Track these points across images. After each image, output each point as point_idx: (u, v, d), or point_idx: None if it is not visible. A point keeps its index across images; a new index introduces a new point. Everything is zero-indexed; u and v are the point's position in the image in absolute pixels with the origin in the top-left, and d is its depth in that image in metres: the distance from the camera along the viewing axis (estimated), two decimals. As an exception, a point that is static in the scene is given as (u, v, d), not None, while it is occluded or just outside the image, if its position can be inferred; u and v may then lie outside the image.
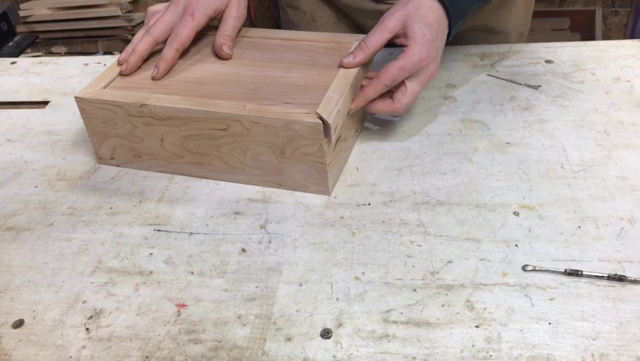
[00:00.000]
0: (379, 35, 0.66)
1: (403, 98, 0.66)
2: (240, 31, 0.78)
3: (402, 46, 0.66)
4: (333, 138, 0.61)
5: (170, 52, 0.70)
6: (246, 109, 0.62)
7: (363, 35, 0.72)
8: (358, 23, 0.94)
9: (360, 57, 0.67)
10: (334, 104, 0.62)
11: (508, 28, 0.95)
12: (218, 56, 0.73)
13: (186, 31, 0.71)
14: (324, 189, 0.65)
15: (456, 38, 0.72)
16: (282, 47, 0.75)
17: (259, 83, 0.67)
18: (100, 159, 0.72)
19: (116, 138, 0.69)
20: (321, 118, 0.59)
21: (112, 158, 0.71)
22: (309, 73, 0.69)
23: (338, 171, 0.67)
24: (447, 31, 0.68)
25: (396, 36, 0.66)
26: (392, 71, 0.64)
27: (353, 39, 0.74)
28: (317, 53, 0.73)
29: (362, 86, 0.68)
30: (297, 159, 0.63)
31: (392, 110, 0.67)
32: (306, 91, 0.65)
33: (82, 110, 0.68)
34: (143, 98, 0.65)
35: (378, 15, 0.68)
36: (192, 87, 0.68)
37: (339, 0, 0.91)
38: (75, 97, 0.67)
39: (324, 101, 0.62)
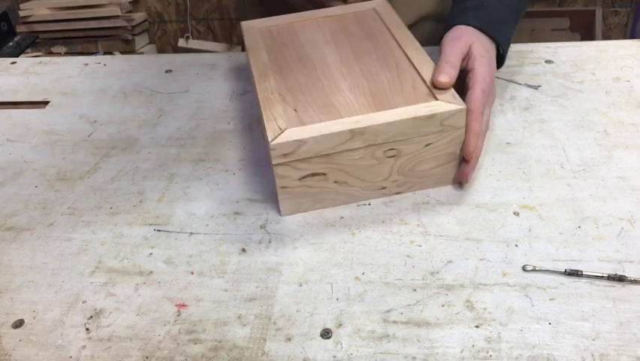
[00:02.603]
0: (456, 47, 0.66)
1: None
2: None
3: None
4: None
5: None
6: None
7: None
8: None
9: (453, 73, 0.63)
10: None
11: None
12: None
13: None
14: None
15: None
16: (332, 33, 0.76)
17: (364, 83, 0.65)
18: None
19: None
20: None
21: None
22: (374, 55, 0.69)
23: None
24: (495, 59, 0.71)
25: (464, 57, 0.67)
26: (478, 98, 0.63)
27: (367, 6, 0.79)
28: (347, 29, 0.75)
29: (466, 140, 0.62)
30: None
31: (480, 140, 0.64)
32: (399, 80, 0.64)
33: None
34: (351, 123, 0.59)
35: None
36: (325, 107, 0.62)
37: (303, 5, 0.89)
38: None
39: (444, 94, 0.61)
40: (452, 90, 0.61)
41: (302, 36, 0.75)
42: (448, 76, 0.62)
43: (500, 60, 0.73)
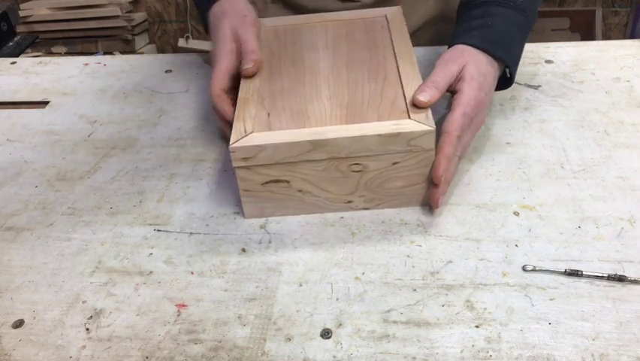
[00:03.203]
0: (447, 69, 0.64)
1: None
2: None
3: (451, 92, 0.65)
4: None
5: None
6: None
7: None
8: None
9: (436, 94, 0.61)
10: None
11: None
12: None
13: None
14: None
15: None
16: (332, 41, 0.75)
17: (345, 93, 0.64)
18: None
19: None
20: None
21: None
22: (367, 66, 0.68)
23: None
24: (495, 81, 0.68)
25: (456, 79, 0.65)
26: (457, 120, 0.61)
27: (380, 12, 0.78)
28: (352, 37, 0.74)
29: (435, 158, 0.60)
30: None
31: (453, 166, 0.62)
32: (383, 94, 0.63)
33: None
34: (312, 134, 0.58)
35: None
36: (298, 114, 0.62)
37: (303, 5, 0.90)
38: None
39: (418, 112, 0.59)
40: (428, 111, 0.60)
41: (305, 39, 0.75)
42: (428, 95, 0.60)
43: (509, 79, 0.71)
